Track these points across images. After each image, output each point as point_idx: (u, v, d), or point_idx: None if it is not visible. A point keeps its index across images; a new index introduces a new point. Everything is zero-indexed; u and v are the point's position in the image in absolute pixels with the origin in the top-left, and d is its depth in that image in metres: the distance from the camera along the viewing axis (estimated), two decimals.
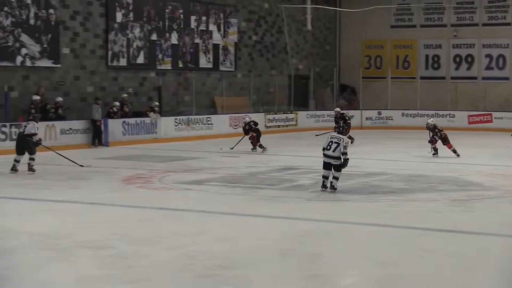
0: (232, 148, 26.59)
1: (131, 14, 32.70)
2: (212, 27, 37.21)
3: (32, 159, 20.01)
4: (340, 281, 9.92)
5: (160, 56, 34.22)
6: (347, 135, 27.11)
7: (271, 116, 37.43)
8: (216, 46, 37.48)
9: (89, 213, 14.48)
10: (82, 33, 30.77)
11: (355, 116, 38.83)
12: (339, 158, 16.38)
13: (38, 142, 20.34)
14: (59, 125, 27.10)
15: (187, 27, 35.74)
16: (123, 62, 32.45)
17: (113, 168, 21.54)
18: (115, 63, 32.10)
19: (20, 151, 20.11)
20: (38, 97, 27.22)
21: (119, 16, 32.15)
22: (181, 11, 35.32)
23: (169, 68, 34.78)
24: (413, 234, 12.91)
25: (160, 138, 30.45)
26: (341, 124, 26.10)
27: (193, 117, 33.38)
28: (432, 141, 24.71)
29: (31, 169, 19.90)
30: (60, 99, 28.19)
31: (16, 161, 19.99)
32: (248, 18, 39.86)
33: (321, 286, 9.46)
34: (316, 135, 28.60)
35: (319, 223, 13.69)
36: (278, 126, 36.91)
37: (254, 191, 17.11)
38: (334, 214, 14.62)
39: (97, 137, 27.90)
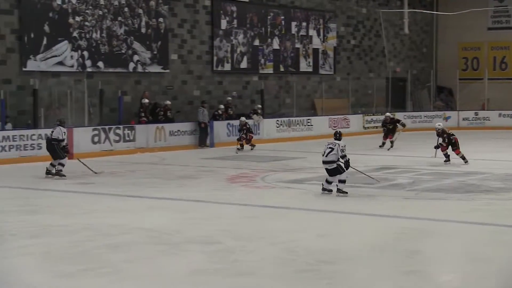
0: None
1: (235, 21, 33.11)
2: (312, 32, 37.32)
3: (61, 164, 19.05)
4: (438, 278, 9.81)
5: (262, 60, 34.53)
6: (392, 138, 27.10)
7: (369, 117, 37.25)
8: (315, 51, 37.57)
9: (196, 210, 14.73)
10: (189, 40, 31.32)
11: (452, 117, 38.50)
12: (333, 162, 15.89)
13: (65, 148, 19.42)
14: (168, 127, 27.62)
15: (288, 33, 35.93)
16: (227, 67, 32.88)
17: (218, 168, 21.81)
18: (220, 68, 32.56)
19: (52, 156, 19.36)
20: (147, 101, 27.85)
21: (223, 24, 32.61)
22: (282, 17, 35.54)
23: (271, 72, 35.06)
24: (510, 232, 12.85)
25: (263, 139, 30.66)
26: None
27: (294, 118, 33.49)
28: (440, 147, 22.62)
29: (58, 173, 18.98)
30: (168, 102, 28.73)
31: (52, 165, 19.21)
32: (346, 23, 39.84)
33: (420, 282, 9.39)
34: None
35: (416, 220, 13.61)
36: (376, 127, 36.66)
37: (352, 189, 17.11)
38: (431, 212, 14.51)
39: (203, 138, 28.29)
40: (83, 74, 27.27)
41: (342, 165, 15.94)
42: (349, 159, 16.33)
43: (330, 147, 15.96)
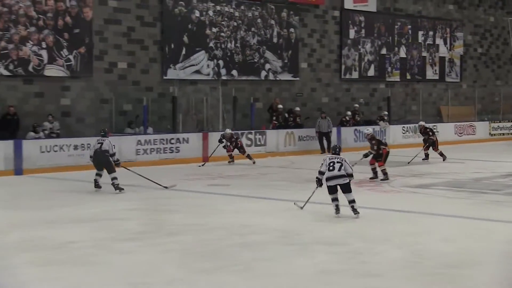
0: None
1: (363, 31, 33.01)
2: (439, 41, 36.90)
3: (114, 178, 17.14)
4: None
5: (389, 68, 34.31)
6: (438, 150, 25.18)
7: (495, 125, 36.33)
8: (442, 59, 37.12)
9: (323, 212, 14.40)
10: (318, 49, 31.43)
11: None
12: (345, 176, 13.74)
13: (117, 163, 17.63)
14: (297, 132, 27.72)
15: (415, 42, 35.58)
16: (355, 75, 32.82)
17: None
18: (347, 76, 32.51)
19: (99, 167, 17.44)
20: (281, 106, 28.13)
21: (351, 33, 32.59)
22: (409, 26, 35.24)
23: (398, 80, 34.81)
24: None
25: (389, 145, 30.30)
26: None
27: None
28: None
29: (116, 187, 17.07)
30: (298, 109, 28.82)
31: (98, 175, 17.43)
32: (473, 32, 39.12)
33: None
34: None
35: None
36: (503, 134, 35.77)
37: (478, 195, 16.72)
38: None
39: (322, 145, 27.84)
40: (218, 82, 27.74)
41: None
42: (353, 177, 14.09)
43: (338, 162, 13.77)
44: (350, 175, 13.80)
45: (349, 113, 30.69)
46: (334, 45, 32.06)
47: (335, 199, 13.82)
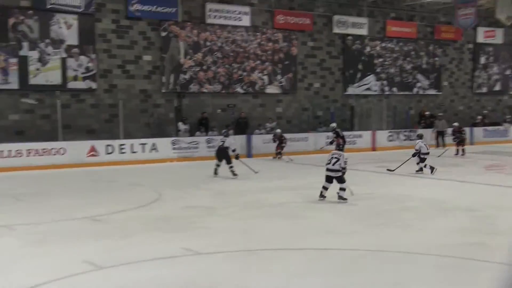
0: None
1: (491, 58, 31.55)
2: None
3: (231, 166, 15.86)
4: None
5: (511, 84, 32.54)
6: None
7: None
8: None
9: (459, 188, 14.19)
10: (456, 72, 30.41)
11: None
12: (339, 171, 12.01)
13: (237, 157, 16.38)
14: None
15: None
16: (484, 89, 31.43)
17: (478, 159, 20.84)
18: (478, 91, 31.23)
19: (219, 159, 16.08)
20: (428, 113, 27.61)
21: (482, 59, 31.22)
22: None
23: None
24: None
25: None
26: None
27: None
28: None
29: (233, 173, 15.86)
30: (441, 114, 28.05)
31: (217, 165, 16.12)
32: None
33: None
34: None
35: None
36: None
37: None
38: None
39: (442, 140, 26.03)
40: (382, 96, 27.51)
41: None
42: (345, 171, 12.18)
43: (336, 157, 12.06)
44: (343, 168, 11.95)
45: (479, 117, 29.56)
46: (468, 68, 30.84)
47: (324, 187, 12.08)
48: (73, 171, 17.61)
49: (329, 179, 12.08)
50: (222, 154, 15.97)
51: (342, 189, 11.90)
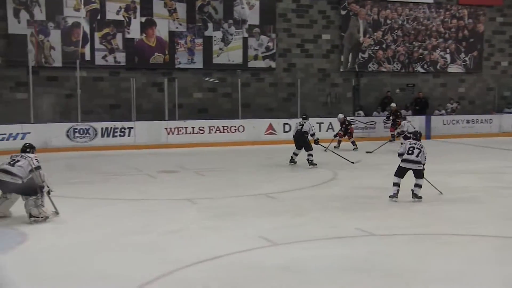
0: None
1: None
2: None
3: (310, 154, 14.07)
4: None
5: None
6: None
7: None
8: None
9: None
10: None
11: None
12: (421, 163, 10.10)
13: (316, 141, 14.59)
14: None
15: None
16: None
17: None
18: None
19: (298, 146, 14.38)
20: None
21: None
22: None
23: None
24: None
25: None
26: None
27: None
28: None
29: (311, 163, 14.06)
30: None
31: (295, 154, 14.45)
32: None
33: None
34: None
35: None
36: None
37: None
38: None
39: None
40: None
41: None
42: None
43: (418, 148, 10.14)
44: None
45: None
46: None
47: (396, 183, 10.10)
48: (251, 149, 18.27)
49: (403, 173, 10.19)
50: (301, 139, 14.22)
51: (419, 186, 10.12)
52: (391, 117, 19.23)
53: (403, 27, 22.92)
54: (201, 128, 18.86)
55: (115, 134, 17.97)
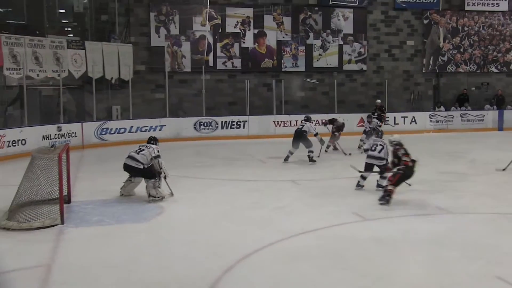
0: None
1: None
2: None
3: (311, 151, 12.53)
4: None
5: None
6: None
7: None
8: None
9: None
10: None
11: None
12: (383, 159, 9.18)
13: (321, 141, 12.90)
14: None
15: None
16: None
17: None
18: None
19: (295, 145, 12.71)
20: None
21: None
22: None
23: None
24: None
25: None
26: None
27: None
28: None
29: (311, 159, 12.56)
30: None
31: (290, 152, 12.81)
32: None
33: None
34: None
35: None
36: None
37: None
38: None
39: None
40: None
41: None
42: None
43: (381, 145, 9.37)
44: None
45: None
46: None
47: (363, 177, 9.45)
48: (347, 138, 17.99)
49: (370, 167, 9.40)
50: (299, 137, 12.68)
51: (384, 178, 9.07)
52: (376, 113, 17.11)
53: (479, 33, 21.71)
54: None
55: (233, 126, 18.33)
